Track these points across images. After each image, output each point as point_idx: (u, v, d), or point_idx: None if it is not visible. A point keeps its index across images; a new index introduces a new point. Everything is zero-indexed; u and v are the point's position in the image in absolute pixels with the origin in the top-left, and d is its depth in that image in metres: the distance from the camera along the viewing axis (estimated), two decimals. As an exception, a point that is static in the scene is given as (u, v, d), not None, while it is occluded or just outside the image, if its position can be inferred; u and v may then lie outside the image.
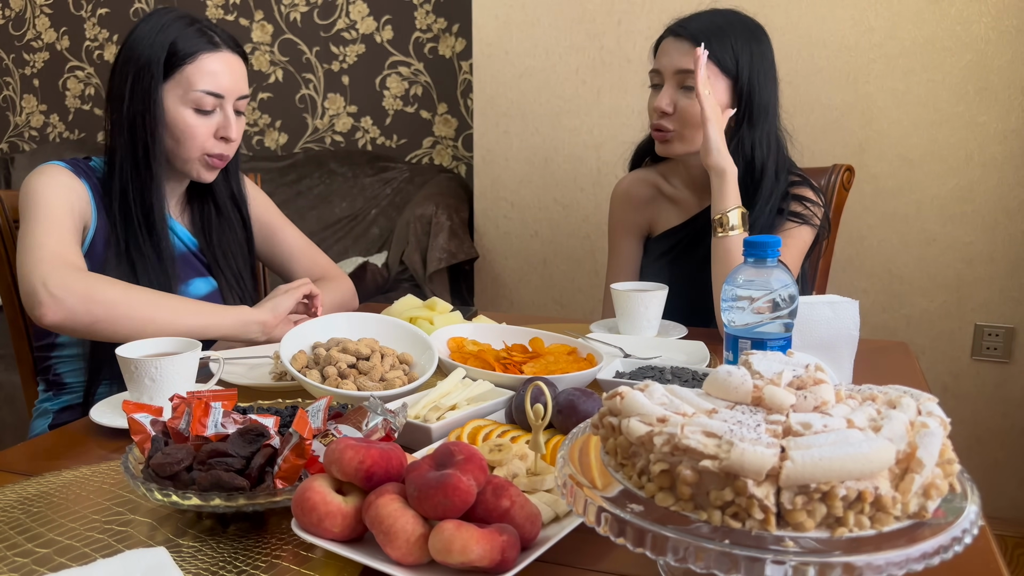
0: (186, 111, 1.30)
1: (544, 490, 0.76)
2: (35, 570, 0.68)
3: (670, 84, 1.45)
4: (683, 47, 1.44)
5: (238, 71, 1.34)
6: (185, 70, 1.29)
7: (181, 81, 1.29)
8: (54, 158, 1.40)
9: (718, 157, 1.38)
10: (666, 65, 1.46)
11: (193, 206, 1.46)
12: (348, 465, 0.67)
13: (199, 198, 1.46)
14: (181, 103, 1.29)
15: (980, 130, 2.12)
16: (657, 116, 1.46)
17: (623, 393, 0.63)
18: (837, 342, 0.97)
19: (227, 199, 1.47)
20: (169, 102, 1.30)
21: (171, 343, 1.06)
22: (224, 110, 1.32)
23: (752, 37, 1.46)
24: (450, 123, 2.99)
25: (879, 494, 0.53)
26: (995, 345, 2.20)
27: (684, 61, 1.43)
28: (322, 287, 1.49)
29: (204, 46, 1.30)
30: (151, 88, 1.28)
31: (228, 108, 1.33)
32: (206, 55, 1.30)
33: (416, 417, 0.93)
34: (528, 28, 2.44)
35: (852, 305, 0.99)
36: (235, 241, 1.48)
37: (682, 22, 1.47)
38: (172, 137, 1.31)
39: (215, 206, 1.46)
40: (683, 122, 1.44)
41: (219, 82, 1.30)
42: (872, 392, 0.65)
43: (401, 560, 0.63)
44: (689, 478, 0.54)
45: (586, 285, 2.54)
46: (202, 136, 1.31)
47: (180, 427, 0.79)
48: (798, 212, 1.47)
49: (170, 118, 1.30)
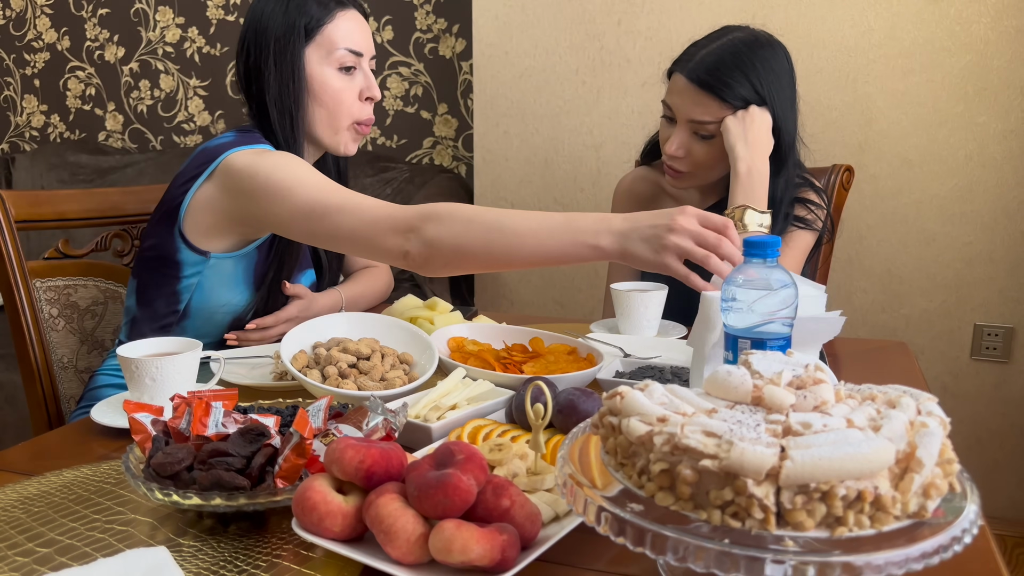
0: (331, 72, 1.29)
1: (544, 489, 0.76)
2: (36, 569, 0.68)
3: (683, 129, 1.41)
4: (696, 97, 1.37)
5: (367, 29, 1.35)
6: (324, 31, 1.28)
7: (322, 43, 1.28)
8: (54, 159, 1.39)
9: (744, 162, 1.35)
10: (678, 108, 1.40)
11: None
12: (348, 465, 0.67)
13: None
14: (326, 64, 1.29)
15: (980, 130, 2.12)
16: (668, 157, 1.44)
17: (623, 393, 0.63)
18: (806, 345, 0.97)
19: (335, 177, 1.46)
20: (313, 66, 1.29)
21: (171, 343, 1.06)
22: (363, 68, 1.32)
23: (765, 64, 1.38)
24: (450, 123, 2.99)
25: (879, 494, 0.53)
26: (995, 345, 2.20)
27: (696, 111, 1.38)
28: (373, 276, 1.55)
29: (335, 5, 1.30)
30: (296, 55, 1.27)
31: (366, 66, 1.32)
32: (341, 12, 1.30)
33: (416, 417, 0.93)
34: (528, 28, 2.44)
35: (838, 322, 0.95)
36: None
37: (693, 61, 1.38)
38: (321, 105, 1.30)
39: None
40: (695, 164, 1.42)
41: (356, 39, 1.30)
42: (872, 392, 0.65)
43: (401, 559, 0.63)
44: (689, 478, 0.55)
45: (586, 285, 2.54)
46: (349, 99, 1.30)
47: (181, 427, 0.79)
48: (802, 216, 1.46)
49: (317, 83, 1.29)
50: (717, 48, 1.39)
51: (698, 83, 1.37)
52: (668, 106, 1.43)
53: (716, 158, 1.41)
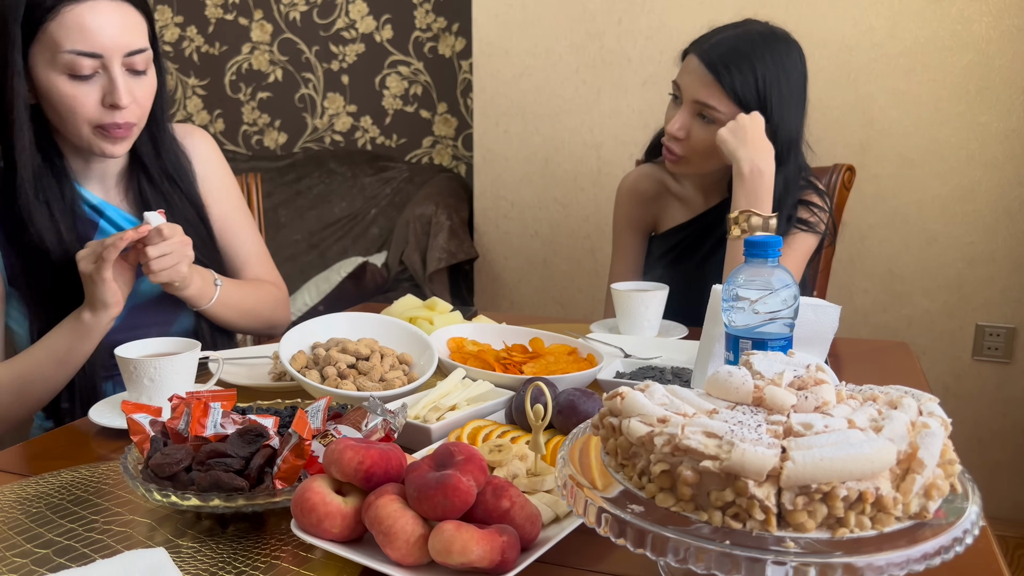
0: (59, 78, 1.08)
1: (544, 491, 0.76)
2: (34, 570, 0.68)
3: (687, 109, 1.41)
4: (705, 77, 1.38)
5: (121, 21, 1.10)
6: (47, 28, 1.06)
7: (46, 42, 1.07)
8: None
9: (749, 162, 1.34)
10: (686, 87, 1.41)
11: (134, 185, 1.27)
12: (348, 465, 0.66)
13: (137, 174, 1.27)
14: (51, 68, 1.08)
15: (981, 130, 2.12)
16: (669, 137, 1.44)
17: (623, 393, 0.63)
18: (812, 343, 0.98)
19: (162, 176, 1.27)
20: (39, 70, 1.09)
21: (171, 343, 1.05)
22: (109, 71, 1.10)
23: (776, 58, 1.38)
24: (450, 122, 2.99)
25: (880, 494, 0.52)
26: (996, 345, 2.20)
27: (702, 92, 1.38)
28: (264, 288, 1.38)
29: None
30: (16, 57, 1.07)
31: (114, 68, 1.10)
32: (70, 6, 1.06)
33: (416, 417, 0.93)
34: (528, 27, 2.43)
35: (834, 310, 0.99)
36: (186, 222, 1.25)
37: (709, 44, 1.39)
38: (52, 111, 1.12)
39: (150, 183, 1.26)
40: (693, 149, 1.42)
41: (91, 39, 1.07)
42: (873, 392, 0.65)
43: (401, 561, 0.63)
44: (690, 479, 0.54)
45: (586, 285, 2.54)
46: (86, 106, 1.10)
47: (179, 427, 0.78)
48: (804, 219, 1.46)
49: (43, 89, 1.09)
50: (733, 35, 1.40)
51: (708, 65, 1.38)
52: (677, 85, 1.44)
53: (714, 146, 1.41)
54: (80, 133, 1.13)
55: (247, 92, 3.19)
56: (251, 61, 3.16)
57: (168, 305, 1.27)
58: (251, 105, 3.20)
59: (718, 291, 0.95)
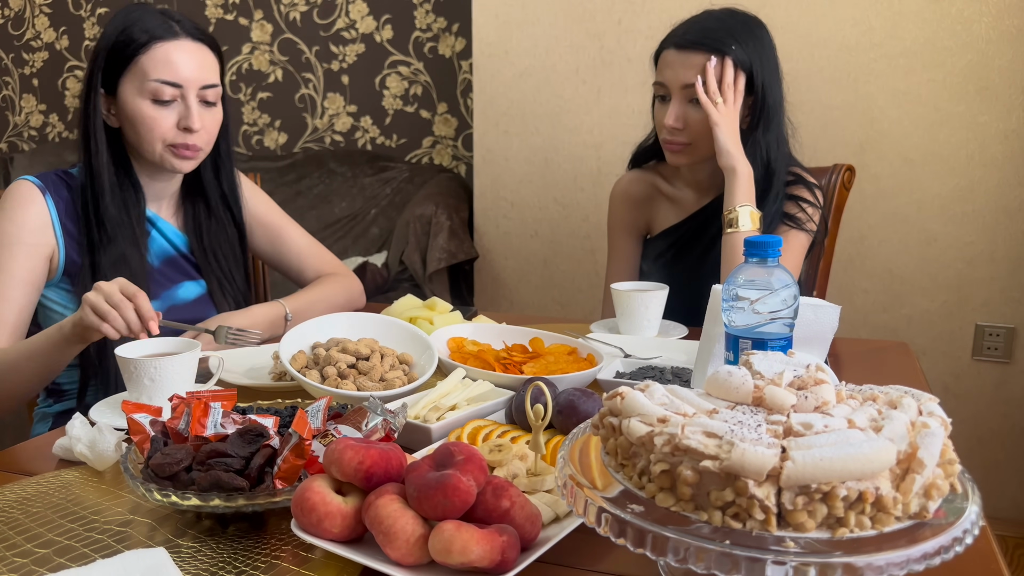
0: (143, 102, 1.26)
1: (544, 490, 0.76)
2: (34, 570, 0.68)
3: (678, 99, 1.43)
4: (687, 60, 1.41)
5: (200, 60, 1.29)
6: (139, 60, 1.26)
7: (136, 72, 1.26)
8: (52, 158, 1.41)
9: (729, 159, 1.40)
10: (671, 79, 1.43)
11: (186, 205, 1.44)
12: (348, 465, 0.66)
13: (191, 197, 1.44)
14: (139, 94, 1.26)
15: (981, 130, 2.12)
16: (667, 132, 1.45)
17: (623, 393, 0.63)
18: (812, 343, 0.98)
19: (218, 198, 1.45)
20: (127, 94, 1.27)
21: (171, 343, 1.05)
22: (186, 100, 1.28)
23: (753, 35, 1.44)
24: (450, 123, 2.99)
25: (880, 494, 0.52)
26: (996, 345, 2.20)
27: (688, 74, 1.41)
28: (329, 284, 1.49)
29: (160, 34, 1.26)
30: (98, 83, 1.27)
31: (191, 98, 1.28)
32: (161, 43, 1.26)
33: (416, 417, 0.93)
34: (528, 28, 2.43)
35: (834, 310, 0.99)
36: (226, 241, 1.46)
37: (681, 33, 1.45)
38: (133, 130, 1.28)
39: (206, 205, 1.44)
40: (694, 134, 1.44)
41: (176, 71, 1.26)
42: (873, 392, 0.65)
43: (401, 560, 0.63)
44: (690, 478, 0.54)
45: (586, 285, 2.54)
46: (162, 127, 1.28)
47: (179, 427, 0.78)
48: (793, 215, 1.47)
49: (129, 110, 1.27)
50: (701, 19, 1.46)
51: (687, 46, 1.42)
52: (660, 84, 1.47)
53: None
54: (154, 149, 1.29)
55: (247, 92, 3.19)
56: (251, 61, 3.16)
57: (203, 307, 1.41)
58: (251, 105, 3.20)
59: (718, 291, 0.95)
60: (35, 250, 1.26)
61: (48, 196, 1.29)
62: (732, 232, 1.39)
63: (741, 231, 1.39)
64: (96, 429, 0.88)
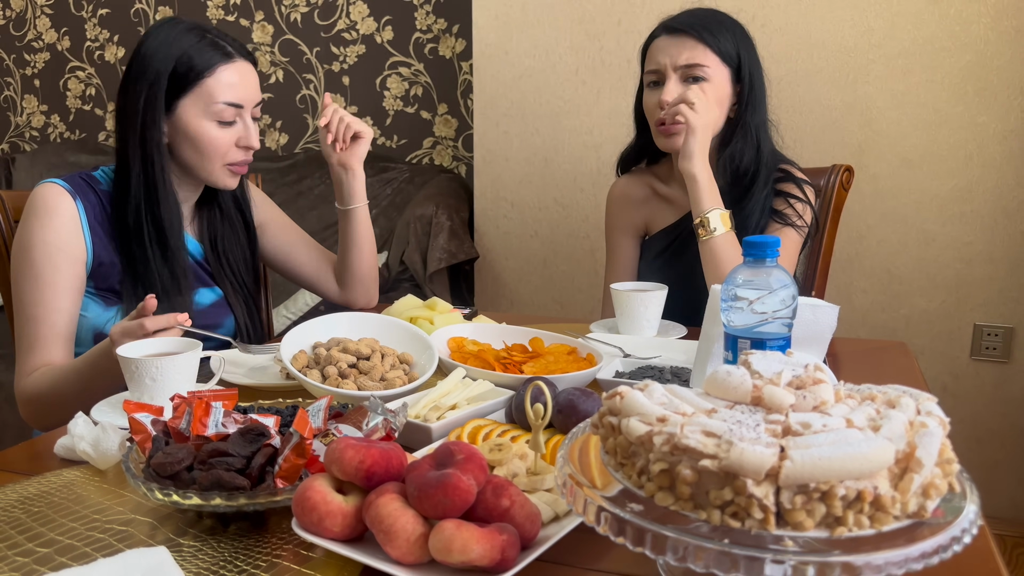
0: (208, 124, 1.30)
1: (544, 489, 0.76)
2: (36, 570, 0.68)
3: (673, 79, 1.46)
4: (681, 42, 1.44)
5: (253, 79, 1.35)
6: (204, 83, 1.29)
7: (201, 95, 1.29)
8: (54, 159, 1.41)
9: (689, 163, 1.40)
10: (666, 62, 1.46)
11: (201, 213, 1.46)
12: (348, 465, 0.67)
13: (206, 205, 1.46)
14: (204, 116, 1.30)
15: (979, 130, 2.12)
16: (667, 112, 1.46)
17: (623, 393, 0.63)
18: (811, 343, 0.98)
19: (230, 203, 1.48)
20: (190, 116, 1.30)
21: (172, 343, 1.06)
22: (243, 119, 1.33)
23: (738, 27, 1.49)
24: (450, 123, 2.99)
25: (878, 494, 0.53)
26: (994, 345, 2.20)
27: (684, 56, 1.44)
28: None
29: (219, 58, 1.30)
30: (162, 104, 1.28)
31: (247, 116, 1.34)
32: (223, 67, 1.30)
33: (416, 417, 0.93)
34: (528, 28, 2.44)
35: (832, 310, 1.00)
36: (238, 245, 1.49)
37: (675, 20, 1.48)
38: (195, 150, 1.32)
39: (220, 211, 1.46)
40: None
41: (237, 92, 1.31)
42: (871, 392, 0.65)
43: (401, 559, 0.63)
44: (689, 477, 0.55)
45: (586, 285, 2.54)
46: (224, 147, 1.32)
47: (181, 427, 0.79)
48: (780, 212, 1.47)
49: (192, 132, 1.30)
50: (688, 11, 1.51)
51: (683, 30, 1.45)
52: (653, 72, 1.49)
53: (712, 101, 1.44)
54: (213, 168, 1.34)
55: (247, 92, 3.19)
56: (251, 62, 3.16)
57: (218, 312, 1.44)
58: (251, 105, 3.20)
59: (717, 291, 0.96)
60: (74, 255, 1.28)
61: (78, 200, 1.30)
62: (708, 238, 1.39)
63: (716, 235, 1.39)
64: (100, 428, 0.89)
